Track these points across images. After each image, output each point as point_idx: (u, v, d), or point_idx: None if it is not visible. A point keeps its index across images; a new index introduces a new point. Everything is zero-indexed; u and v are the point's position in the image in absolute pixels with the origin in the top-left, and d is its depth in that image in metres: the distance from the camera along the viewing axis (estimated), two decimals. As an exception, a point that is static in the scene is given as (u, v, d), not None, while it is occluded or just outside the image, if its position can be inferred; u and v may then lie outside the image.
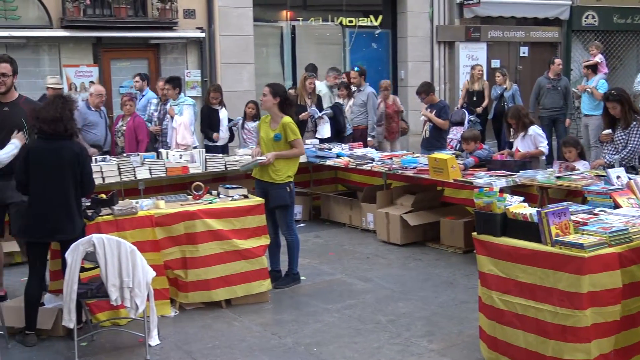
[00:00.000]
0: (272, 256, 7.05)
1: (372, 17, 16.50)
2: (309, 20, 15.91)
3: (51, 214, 5.54)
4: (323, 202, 10.15)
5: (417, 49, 16.45)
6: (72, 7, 12.58)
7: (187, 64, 14.17)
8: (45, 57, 13.13)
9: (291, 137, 6.88)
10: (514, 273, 4.64)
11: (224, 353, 5.41)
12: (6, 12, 12.53)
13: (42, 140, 5.62)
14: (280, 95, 6.92)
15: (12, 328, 5.74)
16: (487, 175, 7.63)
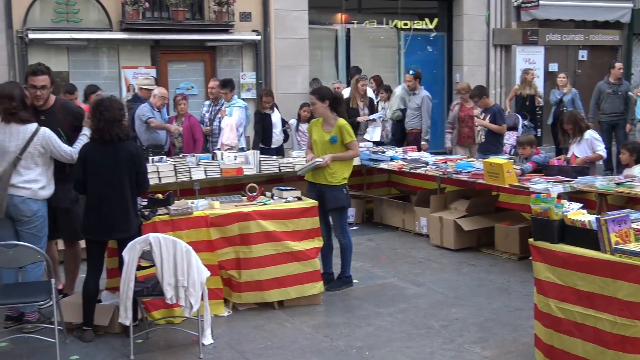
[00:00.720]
0: (324, 259, 7.05)
1: (427, 20, 16.40)
2: (364, 23, 15.89)
3: (108, 212, 5.65)
4: (376, 206, 10.12)
5: (472, 52, 16.29)
6: (132, 10, 12.82)
7: (242, 66, 14.29)
8: (104, 59, 13.40)
9: (347, 139, 6.87)
10: (572, 281, 4.55)
11: (276, 354, 5.43)
12: (68, 15, 12.84)
13: (97, 142, 5.73)
14: (327, 97, 6.92)
15: (70, 324, 5.86)
16: (544, 181, 7.50)
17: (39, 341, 5.56)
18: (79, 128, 6.15)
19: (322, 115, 6.95)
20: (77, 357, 5.43)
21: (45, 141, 5.82)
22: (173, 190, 7.30)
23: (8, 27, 12.47)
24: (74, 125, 6.16)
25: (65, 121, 6.13)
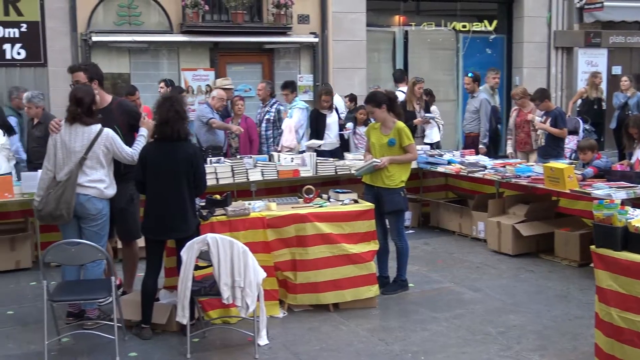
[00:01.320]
0: (380, 262, 7.03)
1: (486, 22, 16.23)
2: (422, 25, 15.81)
3: (166, 212, 5.73)
4: (432, 209, 10.05)
5: (533, 55, 16.05)
6: (192, 13, 13.01)
7: (300, 68, 14.37)
8: (164, 61, 13.63)
9: (406, 142, 6.85)
10: (635, 290, 4.44)
11: (331, 356, 5.43)
12: (130, 18, 13.10)
13: (157, 142, 5.83)
14: (383, 101, 6.90)
15: (129, 321, 5.96)
16: (607, 187, 7.35)
17: (98, 337, 5.67)
18: (136, 127, 6.28)
19: (382, 121, 6.94)
20: (136, 354, 5.52)
21: (109, 141, 5.93)
22: (230, 191, 7.37)
23: (72, 30, 12.80)
24: (130, 124, 6.28)
25: (121, 120, 6.22)
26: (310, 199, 6.72)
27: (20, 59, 12.71)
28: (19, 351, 5.62)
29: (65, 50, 12.81)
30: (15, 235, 8.05)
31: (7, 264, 7.96)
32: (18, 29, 12.66)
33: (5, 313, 6.55)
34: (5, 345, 5.73)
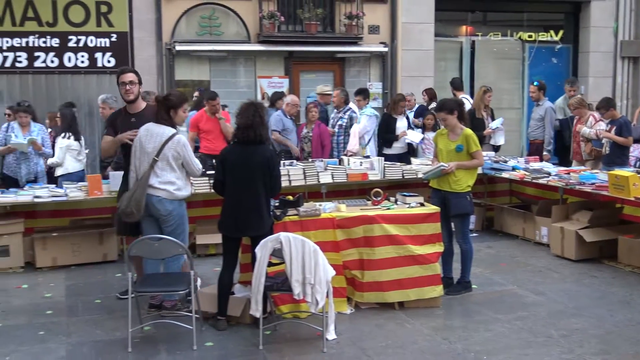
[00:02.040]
0: (445, 263, 6.97)
1: (552, 32, 15.93)
2: (488, 35, 15.63)
3: (243, 212, 5.81)
4: (496, 214, 9.91)
5: (599, 64, 15.65)
6: (268, 24, 13.17)
7: (370, 76, 14.37)
8: (241, 69, 13.84)
9: (473, 148, 6.79)
10: (700, 297, 4.30)
11: (396, 353, 5.41)
12: (211, 29, 13.35)
13: (237, 145, 5.92)
14: (454, 108, 6.86)
15: (206, 313, 6.08)
16: (672, 195, 7.10)
17: (177, 327, 5.79)
18: None
19: (452, 127, 6.89)
20: (212, 343, 5.61)
21: (181, 147, 6.01)
22: (302, 192, 7.41)
23: (158, 40, 13.12)
24: None
25: None
26: (378, 202, 6.72)
27: (110, 67, 13.09)
28: (105, 337, 5.78)
29: (150, 59, 13.13)
30: (103, 230, 8.28)
31: (96, 256, 8.20)
32: (109, 39, 13.04)
33: (94, 302, 6.76)
34: (93, 332, 5.91)
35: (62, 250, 8.04)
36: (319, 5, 13.71)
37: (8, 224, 7.89)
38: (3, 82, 12.74)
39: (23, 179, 8.93)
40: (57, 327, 6.03)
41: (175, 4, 13.14)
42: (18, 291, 7.17)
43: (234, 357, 5.34)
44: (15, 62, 12.75)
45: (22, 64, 12.77)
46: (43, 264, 7.98)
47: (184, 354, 5.39)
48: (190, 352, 5.42)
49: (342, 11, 13.80)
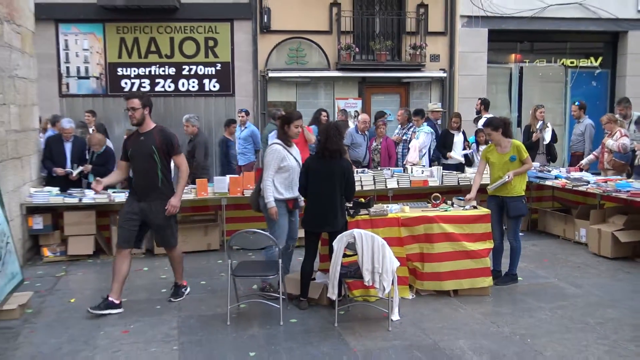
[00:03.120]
0: (495, 258, 6.81)
1: (592, 59, 15.43)
2: (535, 62, 15.27)
3: (322, 211, 5.85)
4: (540, 216, 9.63)
5: (635, 87, 15.03)
6: (345, 54, 13.27)
7: (431, 98, 14.25)
8: (322, 92, 13.97)
9: (524, 155, 6.65)
10: None
11: (451, 333, 5.34)
12: (297, 59, 13.55)
13: (319, 157, 5.91)
14: (500, 126, 6.67)
15: (291, 294, 6.16)
16: (701, 202, 6.74)
17: (268, 306, 5.89)
18: (171, 153, 5.98)
19: (498, 142, 6.74)
20: (295, 320, 5.67)
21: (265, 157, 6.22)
22: (372, 195, 7.41)
23: (254, 68, 13.42)
24: (167, 149, 5.94)
25: (160, 143, 5.90)
26: (437, 204, 6.65)
27: (215, 91, 13.46)
28: (209, 312, 5.92)
29: (248, 83, 13.45)
30: (207, 224, 8.48)
31: (201, 245, 8.40)
32: (214, 68, 13.42)
33: (199, 283, 6.93)
34: (199, 307, 6.07)
35: (175, 240, 8.29)
36: (388, 38, 13.73)
37: (133, 218, 8.18)
38: (130, 103, 13.27)
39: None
40: (170, 303, 6.22)
41: (269, 38, 13.39)
42: (140, 273, 7.43)
43: (313, 332, 5.38)
44: (141, 87, 13.27)
45: (146, 88, 13.28)
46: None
47: (272, 328, 5.46)
48: (278, 327, 5.49)
49: (407, 43, 13.77)
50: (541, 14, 14.30)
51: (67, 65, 13.15)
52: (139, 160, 5.93)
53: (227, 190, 8.15)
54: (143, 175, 5.94)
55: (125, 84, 13.24)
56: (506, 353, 4.89)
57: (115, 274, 5.93)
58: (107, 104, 13.19)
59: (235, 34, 13.38)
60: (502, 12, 14.14)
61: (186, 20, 13.22)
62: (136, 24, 13.14)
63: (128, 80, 13.25)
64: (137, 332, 5.42)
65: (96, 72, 13.23)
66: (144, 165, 5.92)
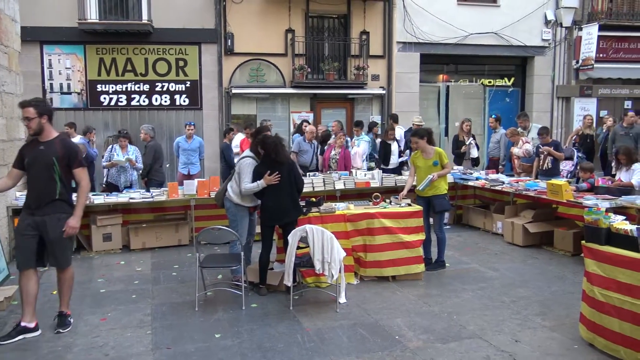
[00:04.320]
0: (425, 248, 6.89)
1: (505, 79, 15.84)
2: (459, 81, 15.55)
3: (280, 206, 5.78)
4: (464, 212, 9.80)
5: (540, 103, 15.52)
6: (299, 74, 13.22)
7: (372, 112, 14.35)
8: (279, 106, 13.88)
9: (445, 160, 6.75)
10: (614, 274, 4.21)
11: (390, 312, 5.37)
12: (258, 77, 13.43)
13: (267, 162, 5.81)
14: (424, 135, 6.76)
15: (252, 282, 6.08)
16: (595, 198, 6.98)
17: (231, 293, 5.82)
18: (71, 165, 4.80)
19: (423, 149, 6.81)
20: (256, 305, 5.61)
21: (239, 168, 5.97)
22: (323, 195, 7.40)
23: (219, 85, 13.23)
24: (68, 160, 4.77)
25: (61, 153, 4.76)
26: (377, 203, 6.69)
27: (185, 105, 13.21)
28: (179, 300, 5.80)
29: (214, 99, 13.25)
30: (178, 222, 8.32)
31: (172, 241, 8.22)
32: (184, 85, 13.18)
33: (171, 274, 6.78)
34: (170, 296, 5.94)
35: (149, 237, 8.09)
36: (335, 60, 13.76)
37: (111, 218, 7.96)
38: (109, 116, 12.91)
39: (122, 185, 9.01)
40: (145, 292, 6.07)
41: (232, 59, 13.24)
42: (117, 266, 7.23)
43: (272, 315, 5.33)
44: (118, 102, 12.92)
45: (123, 103, 12.94)
46: (135, 246, 8.03)
47: (235, 312, 5.39)
48: (240, 311, 5.42)
49: (352, 64, 13.82)
50: (463, 41, 14.59)
51: (50, 82, 12.68)
52: (36, 170, 4.74)
53: (195, 192, 8.00)
54: (39, 187, 4.74)
55: (104, 99, 12.86)
56: (436, 328, 4.95)
57: (23, 296, 4.80)
58: (87, 116, 12.78)
59: (202, 55, 13.17)
60: (431, 39, 14.37)
61: (159, 43, 12.94)
62: (114, 45, 12.79)
63: (107, 95, 12.87)
64: (114, 319, 5.26)
65: (77, 88, 12.80)
66: (41, 176, 4.72)
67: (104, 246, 7.91)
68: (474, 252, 7.81)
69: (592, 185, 7.69)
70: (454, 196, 9.86)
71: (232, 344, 4.64)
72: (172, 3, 12.86)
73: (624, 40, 15.58)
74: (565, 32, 15.42)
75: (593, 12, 15.31)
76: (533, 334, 4.80)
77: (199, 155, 10.59)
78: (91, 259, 7.58)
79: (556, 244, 7.82)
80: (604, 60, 15.40)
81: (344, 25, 14.03)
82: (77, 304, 5.59)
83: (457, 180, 9.46)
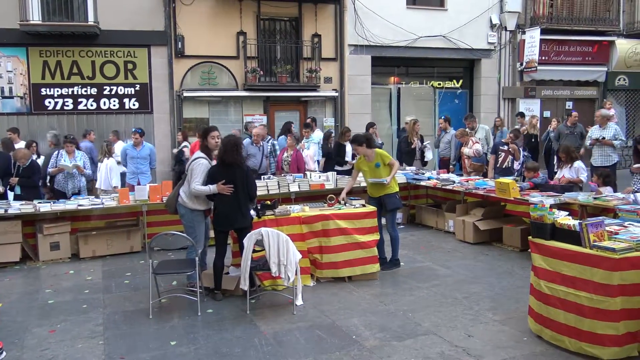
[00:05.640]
0: (379, 248, 6.96)
1: (455, 81, 16.23)
2: (410, 83, 15.83)
3: (231, 211, 5.70)
4: (417, 211, 9.97)
5: (487, 104, 15.99)
6: (251, 76, 13.16)
7: (325, 114, 14.43)
8: (231, 109, 13.77)
9: (387, 159, 6.81)
10: (559, 267, 4.38)
11: (346, 312, 5.41)
12: (209, 80, 13.28)
13: (220, 165, 5.75)
14: (363, 141, 6.77)
15: (208, 288, 6.01)
16: (540, 195, 7.25)
17: (186, 299, 5.73)
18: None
19: (364, 153, 6.83)
20: (212, 310, 5.54)
21: (191, 169, 5.85)
22: (277, 198, 7.38)
23: (170, 88, 13.02)
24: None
25: None
26: (332, 204, 6.72)
27: (135, 109, 12.94)
28: (132, 308, 5.67)
29: (165, 102, 13.02)
30: (130, 229, 8.13)
31: (124, 248, 8.03)
32: (133, 88, 12.89)
33: (123, 282, 6.63)
34: (123, 304, 5.80)
35: (100, 244, 7.87)
36: (288, 63, 13.77)
37: (58, 226, 7.70)
38: (54, 120, 12.49)
39: (69, 192, 8.71)
40: (96, 302, 5.89)
41: (183, 62, 13.05)
42: (66, 276, 7.00)
43: (228, 320, 5.27)
44: (64, 106, 12.52)
45: (69, 107, 12.55)
46: (85, 255, 7.80)
47: (191, 319, 5.31)
48: (196, 317, 5.34)
49: (305, 67, 13.87)
50: (413, 44, 14.88)
51: (-9, 86, 12.16)
52: None
53: (147, 198, 7.84)
54: None
55: (49, 103, 12.43)
56: (392, 326, 5.02)
57: None
58: (31, 121, 12.32)
59: (152, 58, 12.91)
60: (382, 42, 14.59)
61: (107, 45, 12.61)
62: (59, 48, 12.37)
63: (52, 99, 12.44)
64: (63, 330, 5.08)
65: (20, 92, 12.33)
66: None
67: (51, 255, 7.64)
68: (427, 250, 7.95)
69: (535, 185, 7.98)
70: (407, 196, 10.04)
71: (188, 350, 4.57)
72: (119, 4, 12.56)
73: (564, 43, 16.26)
74: (510, 36, 15.96)
75: (535, 17, 15.91)
76: (485, 328, 4.94)
77: (149, 163, 9.87)
78: (38, 269, 7.30)
79: (505, 240, 8.05)
80: (547, 62, 16.04)
81: (295, 28, 14.06)
82: (24, 316, 5.39)
83: (409, 180, 9.62)
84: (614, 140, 9.40)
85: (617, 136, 9.44)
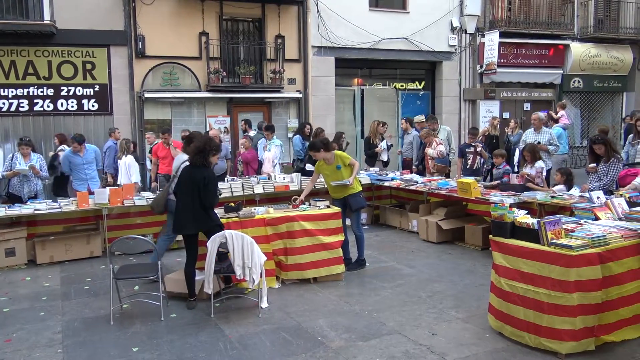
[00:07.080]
0: (344, 249, 6.97)
1: (417, 83, 16.44)
2: (373, 85, 15.95)
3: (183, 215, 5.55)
4: (381, 212, 10.06)
5: (449, 105, 16.25)
6: (214, 77, 13.02)
7: (289, 115, 14.41)
8: (194, 110, 13.60)
9: (347, 160, 6.81)
10: (518, 265, 4.48)
11: (312, 314, 5.40)
12: (171, 81, 13.08)
13: (190, 167, 5.65)
14: (321, 147, 6.75)
15: (171, 292, 5.91)
16: (500, 195, 7.41)
17: (149, 304, 5.62)
18: None
19: (322, 157, 6.82)
20: (175, 315, 5.46)
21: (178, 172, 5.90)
22: (241, 200, 7.33)
23: (131, 90, 12.76)
24: None
25: None
26: (297, 205, 6.71)
27: (94, 110, 12.63)
28: (92, 315, 5.53)
29: (125, 103, 12.76)
30: (90, 233, 7.93)
31: (84, 253, 7.83)
32: (93, 89, 12.59)
33: (83, 288, 6.46)
34: (82, 311, 5.65)
35: (58, 250, 7.66)
36: (251, 64, 13.68)
37: (14, 231, 7.46)
38: (9, 122, 12.07)
39: (25, 196, 8.44)
40: (54, 309, 5.72)
41: (144, 62, 12.82)
42: (22, 283, 6.78)
43: (192, 324, 5.20)
44: (19, 107, 12.13)
45: (25, 108, 12.17)
46: (42, 260, 7.57)
47: (154, 324, 5.21)
48: (159, 322, 5.25)
49: (268, 68, 13.81)
50: (376, 46, 15.01)
51: (-60, 86, 11.67)
52: None
53: (107, 201, 7.66)
54: None
55: (3, 104, 12.00)
56: (357, 326, 5.03)
57: None
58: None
59: (112, 58, 12.63)
60: (346, 44, 14.66)
61: (64, 45, 12.26)
62: (12, 47, 11.97)
63: (6, 100, 12.02)
64: (20, 339, 4.91)
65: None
66: None
67: (6, 262, 7.38)
68: (391, 250, 8.01)
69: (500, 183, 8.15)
70: (370, 197, 10.11)
71: (151, 357, 4.48)
72: (77, 3, 12.25)
73: (521, 46, 16.69)
74: (470, 39, 16.28)
75: (494, 20, 16.28)
76: (448, 326, 5.01)
77: (96, 166, 9.27)
78: (-8, 277, 7.05)
79: (467, 239, 8.19)
80: (505, 65, 16.42)
81: (258, 29, 13.99)
82: (-24, 326, 5.17)
83: (373, 181, 9.70)
84: (548, 146, 9.32)
85: (552, 141, 9.39)
